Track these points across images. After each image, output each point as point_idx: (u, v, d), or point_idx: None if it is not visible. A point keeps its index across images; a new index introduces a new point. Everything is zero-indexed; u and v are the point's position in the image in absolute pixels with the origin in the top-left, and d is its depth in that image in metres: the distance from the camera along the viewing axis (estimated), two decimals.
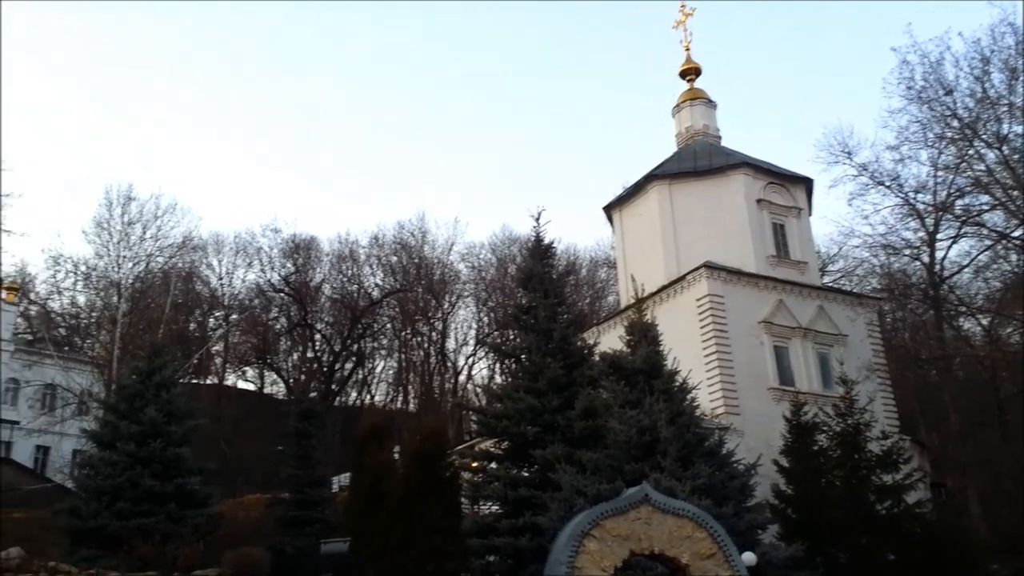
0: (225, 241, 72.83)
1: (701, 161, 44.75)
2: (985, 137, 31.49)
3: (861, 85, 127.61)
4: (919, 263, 37.23)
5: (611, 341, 31.39)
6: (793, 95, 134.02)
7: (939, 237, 36.19)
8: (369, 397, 74.69)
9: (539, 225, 29.74)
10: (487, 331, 74.04)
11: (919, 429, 43.39)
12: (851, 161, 36.28)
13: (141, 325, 50.71)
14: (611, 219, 48.31)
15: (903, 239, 36.02)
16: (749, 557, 17.60)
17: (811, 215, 45.42)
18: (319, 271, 75.82)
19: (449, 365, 74.89)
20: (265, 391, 73.68)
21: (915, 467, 30.19)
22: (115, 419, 31.18)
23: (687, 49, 50.13)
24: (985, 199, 32.26)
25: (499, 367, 61.39)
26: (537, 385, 26.40)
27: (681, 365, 24.62)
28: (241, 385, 73.60)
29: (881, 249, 37.33)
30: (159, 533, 27.75)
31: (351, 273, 76.21)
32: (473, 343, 74.97)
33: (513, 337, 37.91)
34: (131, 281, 50.92)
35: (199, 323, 71.26)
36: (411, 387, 75.46)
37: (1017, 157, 30.49)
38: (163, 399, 31.48)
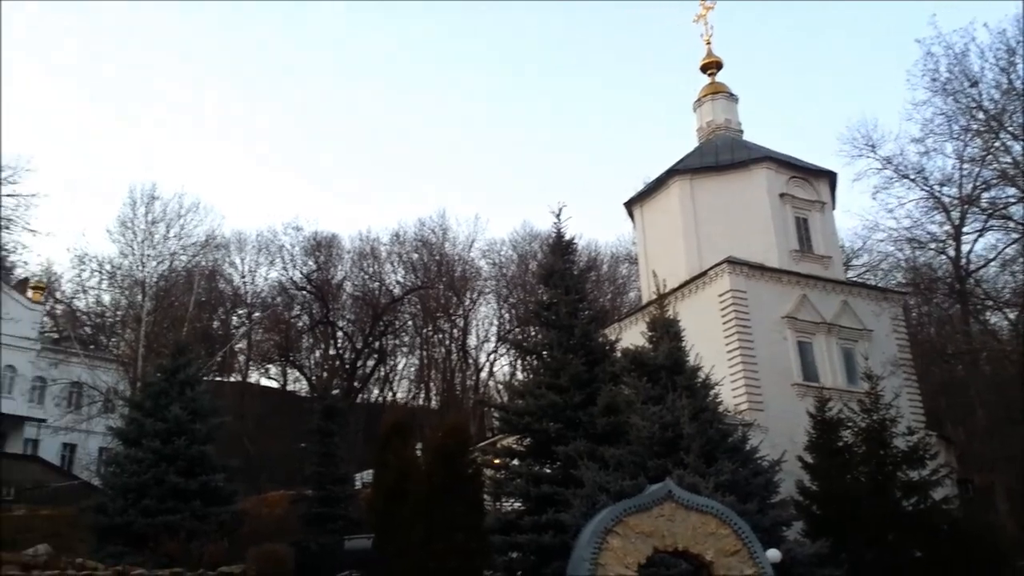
0: (247, 239, 73.41)
1: (723, 155, 44.46)
2: (1011, 129, 31.15)
3: (885, 78, 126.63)
4: (945, 257, 36.78)
5: (633, 337, 31.30)
6: (815, 88, 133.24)
7: (965, 230, 35.72)
8: (391, 394, 74.92)
9: (560, 221, 29.71)
10: (508, 328, 74.04)
11: (945, 425, 43.00)
12: (875, 154, 36.01)
13: (165, 323, 51.10)
14: (632, 215, 48.12)
15: (928, 233, 35.66)
16: (774, 554, 17.46)
17: (835, 209, 45.05)
18: (341, 269, 76.21)
19: (470, 362, 75.06)
20: (288, 388, 74.16)
21: (941, 463, 29.87)
22: (140, 417, 31.38)
23: (708, 43, 49.83)
24: (1011, 192, 31.95)
25: (520, 364, 61.55)
26: (559, 381, 26.35)
27: (704, 361, 24.46)
28: (264, 383, 74.14)
29: (906, 243, 36.93)
30: (184, 530, 27.94)
31: (372, 270, 76.54)
32: (494, 340, 75.14)
33: (534, 333, 37.93)
34: (155, 280, 51.36)
35: (222, 321, 71.71)
36: (433, 384, 75.65)
37: None
38: (187, 397, 31.65)
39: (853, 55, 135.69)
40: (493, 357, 74.47)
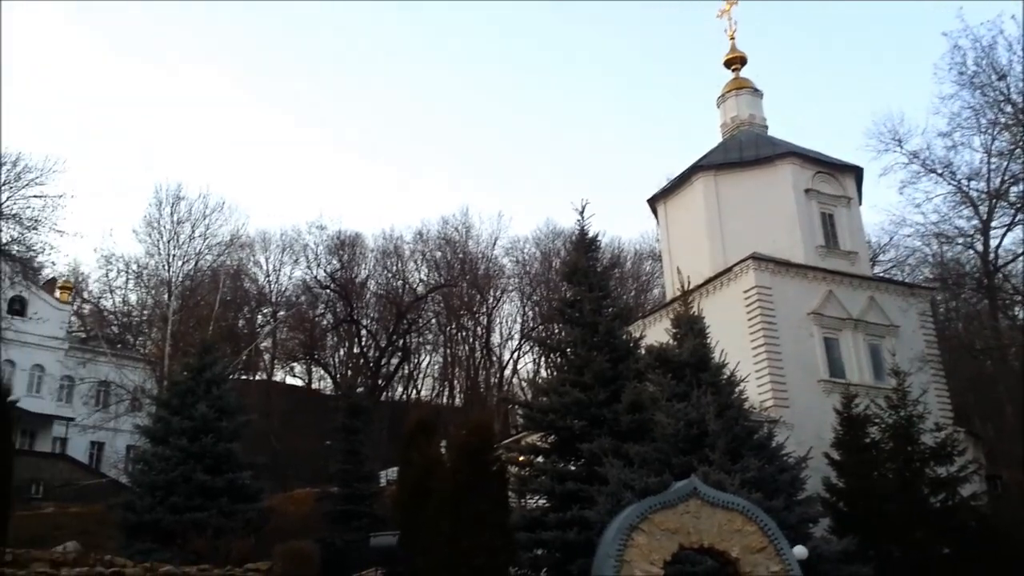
0: (272, 239, 73.99)
1: (747, 151, 44.17)
2: None
3: (911, 72, 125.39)
4: (973, 251, 36.42)
5: (657, 334, 31.20)
6: (840, 83, 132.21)
7: (993, 225, 35.35)
8: (415, 392, 75.27)
9: (583, 218, 29.56)
10: (532, 325, 74.12)
11: (973, 420, 42.62)
12: (902, 149, 35.74)
13: (191, 322, 51.60)
14: (656, 211, 47.92)
15: (956, 227, 35.36)
16: (800, 551, 17.38)
17: (861, 204, 44.61)
18: (364, 267, 76.63)
19: (494, 359, 75.18)
20: (313, 387, 74.68)
21: (970, 459, 29.57)
22: (167, 415, 31.61)
23: (732, 38, 49.53)
24: None
25: (544, 361, 61.49)
26: (583, 379, 26.29)
27: (729, 358, 24.31)
28: (289, 381, 74.73)
29: (933, 238, 36.68)
30: (211, 527, 28.08)
31: (396, 269, 76.90)
32: (518, 337, 75.27)
33: (558, 331, 37.85)
34: (181, 279, 51.91)
35: (247, 320, 72.25)
36: (457, 382, 75.90)
37: None
38: (213, 395, 31.83)
39: (878, 49, 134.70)
40: (517, 355, 74.71)
